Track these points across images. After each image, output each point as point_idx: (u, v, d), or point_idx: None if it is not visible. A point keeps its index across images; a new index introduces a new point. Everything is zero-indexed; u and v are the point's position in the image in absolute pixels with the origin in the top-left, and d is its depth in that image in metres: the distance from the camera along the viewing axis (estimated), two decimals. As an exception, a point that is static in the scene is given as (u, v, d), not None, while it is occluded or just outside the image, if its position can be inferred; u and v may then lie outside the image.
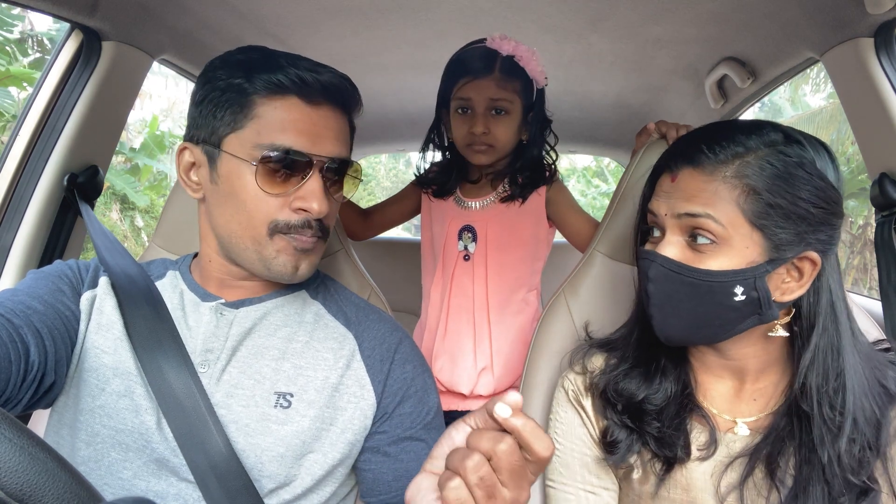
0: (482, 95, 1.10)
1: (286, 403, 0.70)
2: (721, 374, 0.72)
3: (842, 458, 0.61)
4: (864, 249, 6.72)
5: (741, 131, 0.64)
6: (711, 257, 0.63)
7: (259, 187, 0.68)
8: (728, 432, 0.69)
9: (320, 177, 0.70)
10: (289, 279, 0.73)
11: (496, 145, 1.12)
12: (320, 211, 0.69)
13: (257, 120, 0.68)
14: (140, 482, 0.66)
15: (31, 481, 0.32)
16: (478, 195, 1.21)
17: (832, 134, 6.67)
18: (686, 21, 1.15)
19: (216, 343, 0.72)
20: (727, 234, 0.62)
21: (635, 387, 0.72)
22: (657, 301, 0.67)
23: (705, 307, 0.64)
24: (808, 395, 0.64)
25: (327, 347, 0.75)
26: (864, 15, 0.92)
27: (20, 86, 4.84)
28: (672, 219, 0.66)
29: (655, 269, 0.66)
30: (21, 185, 1.06)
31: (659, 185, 0.69)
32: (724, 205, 0.62)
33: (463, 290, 1.20)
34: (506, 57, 1.09)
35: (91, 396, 0.68)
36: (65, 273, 0.74)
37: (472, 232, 1.19)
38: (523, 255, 1.21)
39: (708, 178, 0.64)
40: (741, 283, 0.62)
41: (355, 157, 0.84)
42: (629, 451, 0.71)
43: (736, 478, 0.67)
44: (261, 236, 0.70)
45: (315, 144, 0.69)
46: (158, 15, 1.10)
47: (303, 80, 0.68)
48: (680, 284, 0.64)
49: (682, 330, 0.67)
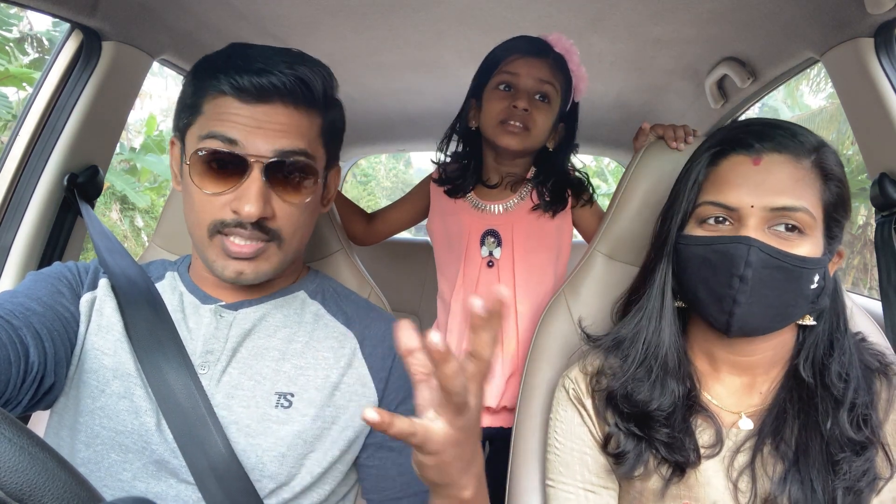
0: (532, 73, 1.07)
1: (287, 403, 0.70)
2: (730, 371, 0.72)
3: (842, 423, 0.64)
4: (864, 249, 6.72)
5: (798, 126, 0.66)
6: (798, 245, 0.63)
7: (196, 185, 0.67)
8: (732, 427, 0.70)
9: (261, 177, 0.66)
10: (233, 282, 0.71)
11: (532, 130, 1.08)
12: (250, 214, 0.64)
13: (203, 116, 0.69)
14: (140, 484, 0.66)
15: (30, 481, 0.32)
16: (498, 198, 1.17)
17: (832, 134, 6.67)
18: (686, 21, 1.15)
19: (216, 344, 0.72)
20: (814, 224, 0.63)
21: (646, 394, 0.70)
22: (754, 286, 0.63)
23: (790, 294, 0.64)
24: (814, 368, 0.67)
25: (327, 347, 0.75)
26: (864, 15, 0.92)
27: (19, 86, 4.83)
28: (762, 212, 0.63)
29: (755, 254, 0.62)
30: (21, 185, 1.06)
31: (730, 172, 0.66)
32: (812, 195, 0.63)
33: None
34: (558, 53, 1.09)
35: (91, 398, 0.68)
36: (64, 275, 0.74)
37: (495, 237, 1.15)
38: (548, 257, 1.17)
39: (797, 165, 0.64)
40: (818, 272, 0.64)
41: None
42: (638, 460, 0.70)
43: (745, 462, 0.67)
44: (203, 237, 0.69)
45: (252, 141, 0.66)
46: (158, 15, 1.10)
47: (238, 85, 0.65)
48: (776, 270, 0.63)
49: (763, 318, 0.65)
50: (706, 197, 0.67)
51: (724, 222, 0.66)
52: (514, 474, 0.88)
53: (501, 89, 1.10)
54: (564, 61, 1.10)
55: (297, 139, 0.68)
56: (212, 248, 0.69)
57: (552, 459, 0.78)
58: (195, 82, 0.70)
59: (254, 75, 0.65)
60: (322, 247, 1.00)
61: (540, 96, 1.09)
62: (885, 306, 0.98)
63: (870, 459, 0.63)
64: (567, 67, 1.10)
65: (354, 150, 2.39)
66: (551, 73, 1.08)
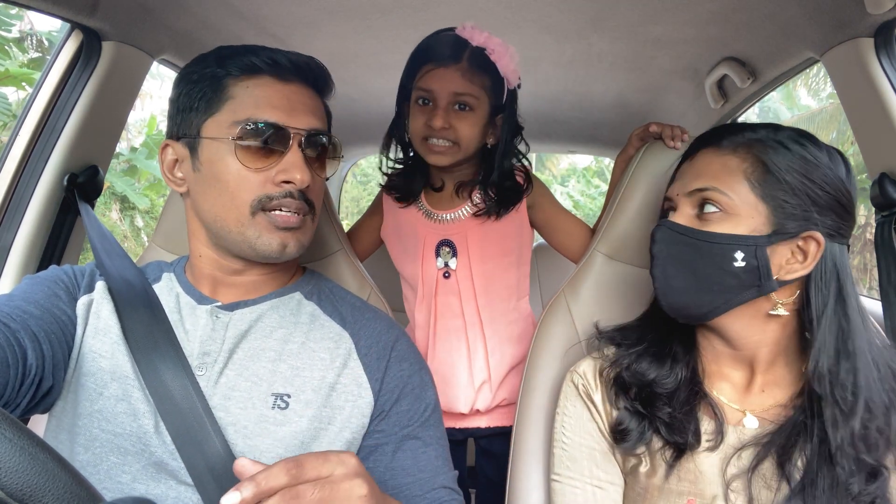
0: (445, 87, 0.98)
1: (283, 404, 0.70)
2: (732, 365, 0.73)
3: (854, 440, 0.63)
4: (864, 249, 6.72)
5: (766, 127, 0.69)
6: (717, 224, 0.67)
7: (241, 163, 0.69)
8: (737, 424, 0.70)
9: (300, 149, 0.71)
10: (276, 258, 0.73)
11: (460, 143, 1.00)
12: (303, 180, 0.70)
13: (232, 101, 0.70)
14: (139, 486, 0.66)
15: (31, 481, 0.32)
16: (449, 206, 1.10)
17: (832, 134, 6.67)
18: (686, 21, 1.15)
19: (213, 346, 0.72)
20: (732, 203, 0.66)
21: (647, 366, 0.74)
22: (660, 262, 0.71)
23: (706, 270, 0.67)
24: (821, 377, 0.66)
25: (323, 347, 0.75)
26: (864, 15, 0.92)
27: (19, 86, 4.83)
28: (683, 196, 0.70)
29: (661, 231, 0.71)
30: (21, 185, 1.06)
31: (678, 174, 0.75)
32: (732, 176, 0.67)
33: (451, 310, 1.11)
34: (476, 48, 0.98)
35: (89, 401, 0.68)
36: (60, 278, 0.74)
37: (450, 246, 1.09)
38: (509, 263, 1.12)
39: (722, 154, 0.69)
40: (742, 249, 0.65)
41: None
42: (640, 438, 0.72)
43: (744, 466, 0.67)
44: (244, 216, 0.70)
45: (291, 118, 0.70)
46: (158, 15, 1.10)
47: (274, 61, 0.70)
48: (683, 246, 0.69)
49: (682, 294, 0.70)
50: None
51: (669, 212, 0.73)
52: (515, 472, 0.88)
53: (420, 104, 1.02)
54: (484, 56, 0.98)
55: (322, 119, 0.76)
56: (254, 225, 0.70)
57: (559, 454, 0.78)
58: (210, 73, 0.71)
59: (281, 55, 0.71)
60: (322, 247, 1.00)
61: (459, 106, 0.99)
62: (885, 306, 0.98)
63: (881, 487, 0.62)
64: (490, 62, 0.98)
65: (354, 150, 2.39)
66: (468, 80, 0.98)
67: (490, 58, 0.98)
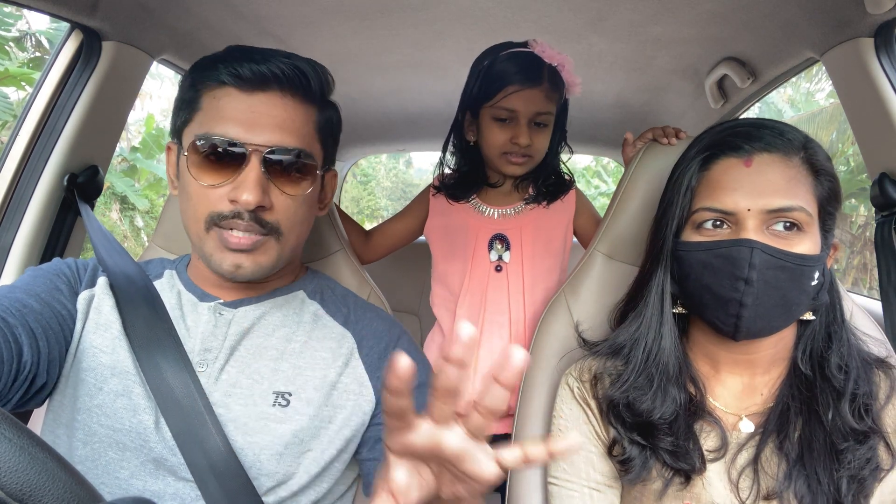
0: (529, 108, 1.05)
1: (284, 402, 0.70)
2: (732, 370, 0.72)
3: (844, 413, 0.64)
4: (864, 249, 6.72)
5: (784, 124, 0.66)
6: (798, 244, 0.63)
7: (192, 177, 0.68)
8: (734, 430, 0.70)
9: (259, 167, 0.66)
10: (231, 278, 0.70)
11: (535, 157, 1.10)
12: (249, 202, 0.65)
13: (200, 112, 0.70)
14: (137, 482, 0.66)
15: (30, 481, 0.32)
16: (504, 203, 1.16)
17: (832, 134, 6.66)
18: (686, 21, 1.15)
19: (214, 342, 0.72)
20: (811, 220, 0.63)
21: (648, 403, 0.69)
22: (759, 288, 0.62)
23: (793, 293, 0.64)
24: (812, 360, 0.67)
25: (325, 347, 0.75)
26: (864, 15, 0.92)
27: (19, 86, 4.83)
28: (759, 214, 0.63)
29: (759, 255, 0.62)
30: (21, 185, 1.06)
31: (723, 175, 0.66)
32: (805, 191, 0.63)
33: (498, 306, 1.13)
34: (551, 67, 1.06)
35: (88, 396, 0.68)
36: (62, 271, 0.74)
37: (504, 241, 1.14)
38: (552, 265, 1.16)
39: (787, 162, 0.64)
40: (818, 268, 0.64)
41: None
42: (644, 467, 0.69)
43: (747, 459, 0.67)
44: (200, 231, 0.69)
45: (250, 132, 0.67)
46: (158, 15, 1.10)
47: (237, 72, 0.67)
48: (777, 270, 0.62)
49: (769, 319, 0.64)
50: (701, 203, 0.67)
51: (722, 226, 0.66)
52: (515, 475, 0.88)
53: (500, 121, 1.07)
54: (558, 73, 1.07)
55: (294, 133, 0.69)
56: (209, 241, 0.69)
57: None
58: (193, 77, 0.71)
59: (252, 63, 0.67)
60: (322, 247, 1.00)
61: (537, 123, 1.08)
62: (885, 306, 0.99)
63: (872, 448, 0.63)
64: (560, 78, 1.08)
65: (354, 150, 2.39)
66: (548, 99, 1.06)
67: (561, 74, 1.07)
